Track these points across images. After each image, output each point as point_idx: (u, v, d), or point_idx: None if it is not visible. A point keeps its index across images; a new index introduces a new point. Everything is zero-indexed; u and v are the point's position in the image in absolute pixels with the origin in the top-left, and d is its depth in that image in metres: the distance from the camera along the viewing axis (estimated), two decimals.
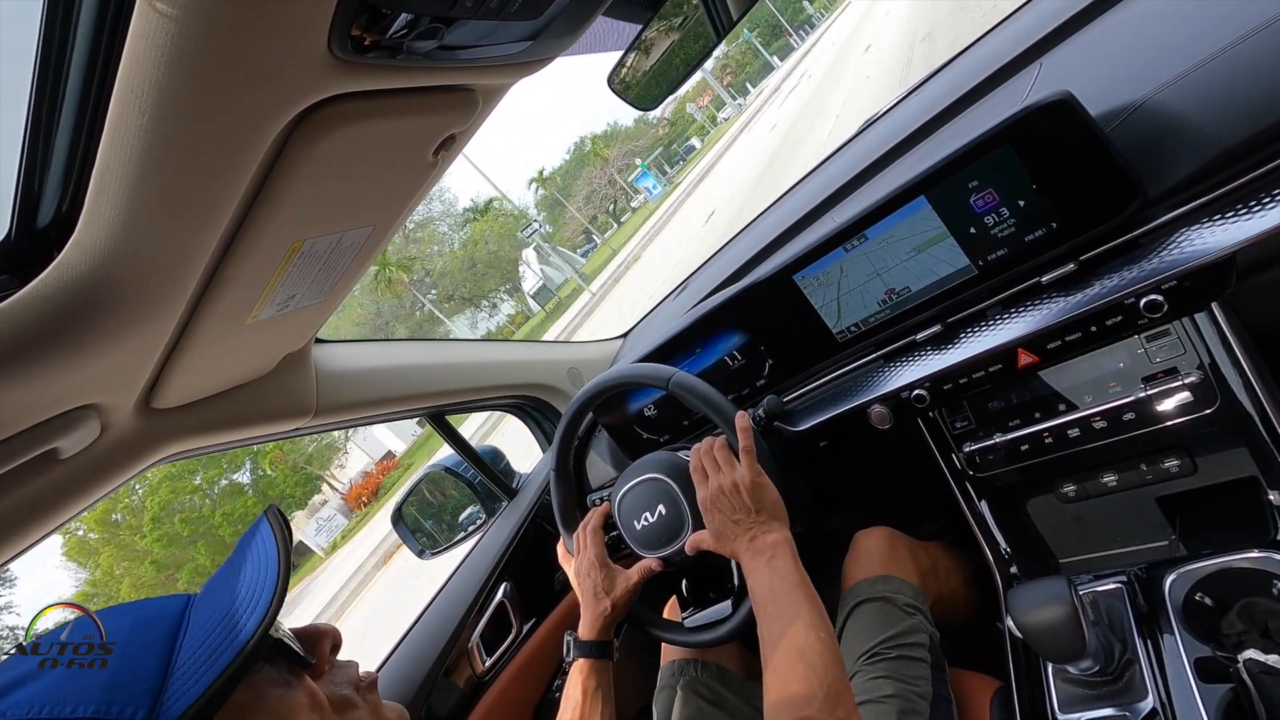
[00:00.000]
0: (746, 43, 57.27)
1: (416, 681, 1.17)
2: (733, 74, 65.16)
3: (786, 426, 1.09)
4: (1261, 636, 0.69)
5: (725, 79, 62.91)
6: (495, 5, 0.45)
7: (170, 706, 0.40)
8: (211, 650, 0.42)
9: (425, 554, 1.51)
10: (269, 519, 0.51)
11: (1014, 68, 1.09)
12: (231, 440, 0.93)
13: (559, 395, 1.55)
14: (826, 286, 1.01)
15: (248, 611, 0.44)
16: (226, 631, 0.43)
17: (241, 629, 0.43)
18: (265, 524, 0.51)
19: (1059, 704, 0.81)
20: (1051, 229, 0.82)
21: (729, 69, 64.52)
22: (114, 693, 0.39)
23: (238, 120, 0.44)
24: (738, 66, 64.63)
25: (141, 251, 0.51)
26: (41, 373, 0.55)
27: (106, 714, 0.38)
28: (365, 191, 0.62)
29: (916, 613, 0.96)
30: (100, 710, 0.38)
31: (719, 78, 60.73)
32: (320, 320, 0.88)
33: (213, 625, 0.44)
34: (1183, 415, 0.82)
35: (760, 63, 59.65)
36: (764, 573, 0.78)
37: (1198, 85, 0.76)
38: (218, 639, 0.43)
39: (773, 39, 63.18)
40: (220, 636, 0.43)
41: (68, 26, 0.40)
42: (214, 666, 0.41)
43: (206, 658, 0.42)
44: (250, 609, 0.44)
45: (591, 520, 1.05)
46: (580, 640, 0.95)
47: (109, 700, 0.39)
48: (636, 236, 25.45)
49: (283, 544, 0.48)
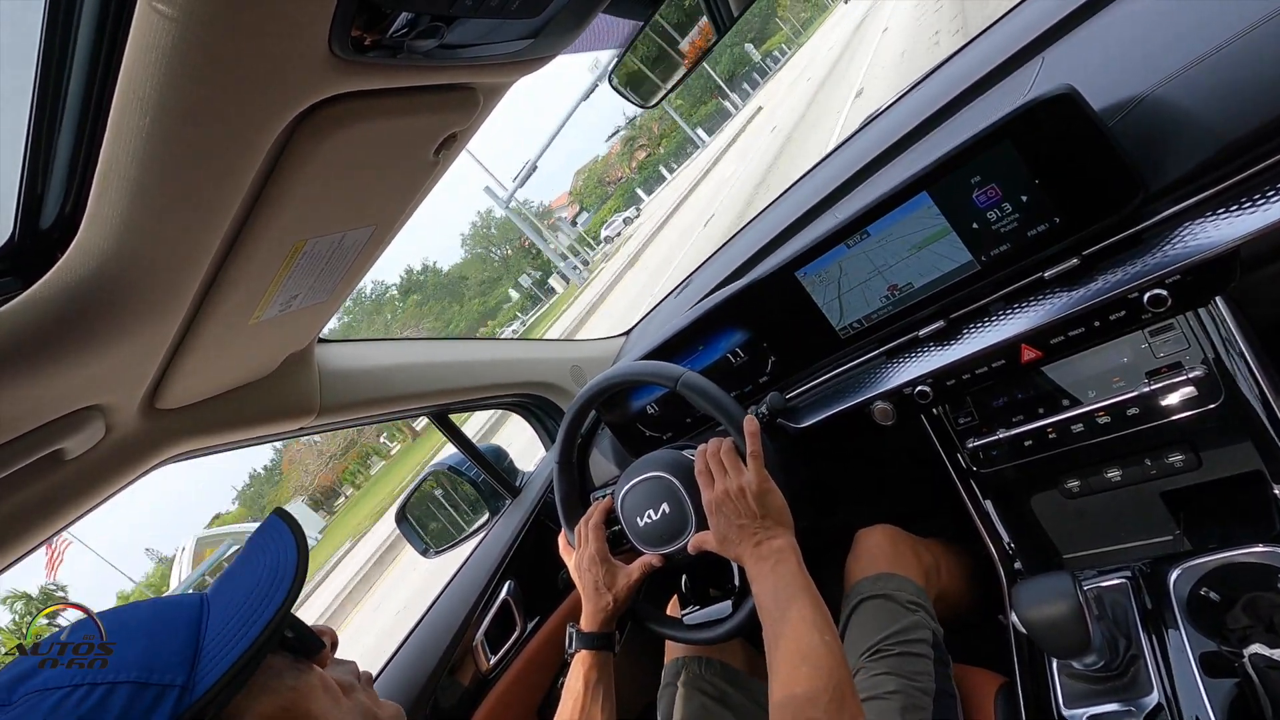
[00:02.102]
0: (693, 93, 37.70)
1: (421, 680, 1.18)
2: (647, 148, 42.62)
3: (789, 423, 1.09)
4: (1267, 631, 0.69)
5: (634, 158, 38.55)
6: (495, 4, 0.45)
7: (203, 677, 0.43)
8: (238, 628, 0.46)
9: (429, 553, 1.51)
10: (281, 518, 0.54)
11: (1016, 62, 1.09)
12: (236, 440, 0.93)
13: (562, 393, 1.55)
14: (829, 283, 1.01)
15: (269, 595, 0.47)
16: (250, 612, 0.47)
17: (264, 610, 0.46)
18: (276, 521, 0.54)
19: (1064, 699, 0.81)
20: (1054, 224, 0.82)
21: (641, 142, 41.18)
22: (152, 662, 0.43)
23: (239, 121, 0.44)
24: (653, 139, 42.11)
25: (144, 252, 0.51)
26: (46, 374, 0.56)
27: (147, 680, 0.41)
28: (367, 191, 0.62)
29: (919, 609, 0.96)
30: (141, 676, 0.41)
31: (626, 157, 37.65)
32: (323, 320, 0.88)
33: (236, 608, 0.47)
34: (1187, 410, 0.82)
35: (679, 138, 40.02)
36: (769, 578, 0.79)
37: (1200, 79, 0.75)
38: (243, 618, 0.46)
39: (699, 103, 41.59)
40: (245, 616, 0.46)
41: (69, 29, 0.40)
42: (241, 642, 0.44)
43: (234, 634, 0.45)
44: (272, 592, 0.48)
45: (593, 515, 1.05)
46: (582, 632, 0.96)
47: (148, 669, 0.42)
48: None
49: (299, 536, 0.52)
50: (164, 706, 0.41)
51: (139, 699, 0.40)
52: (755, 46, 44.14)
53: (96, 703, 0.39)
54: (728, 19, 0.74)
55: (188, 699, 0.42)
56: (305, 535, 0.52)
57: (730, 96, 41.73)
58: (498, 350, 1.50)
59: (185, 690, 0.42)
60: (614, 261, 24.16)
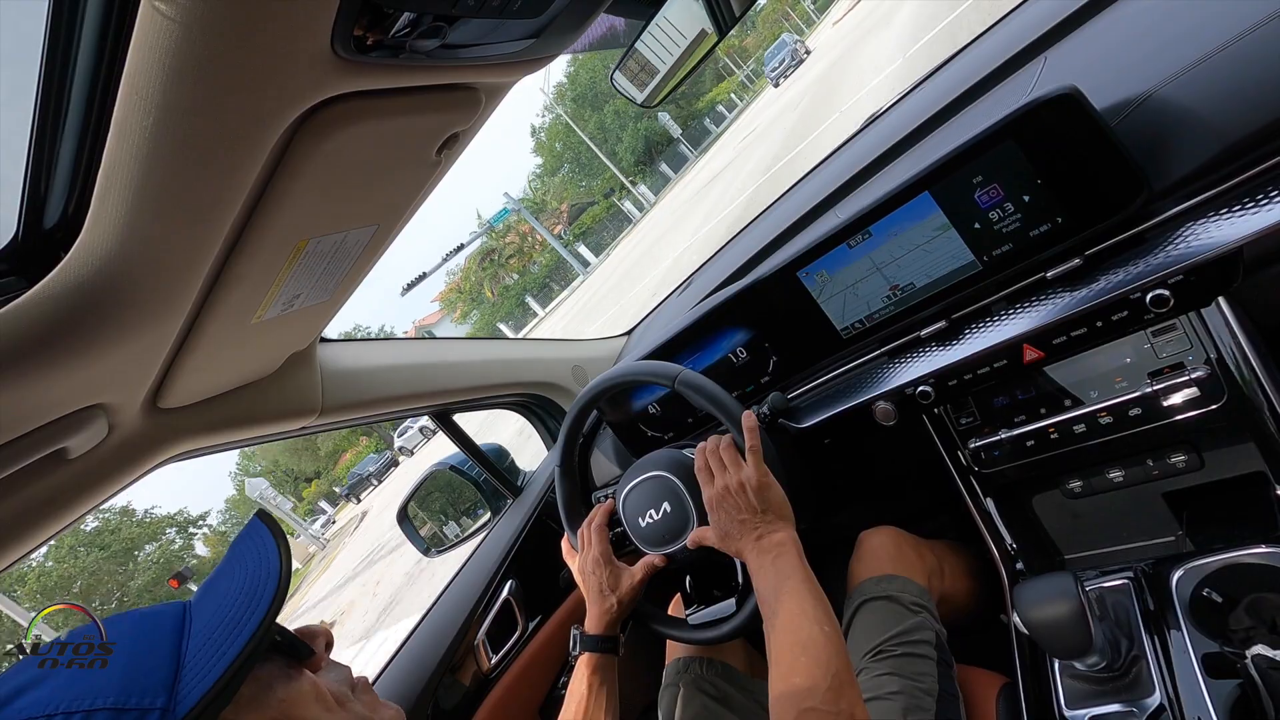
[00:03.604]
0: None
1: (422, 680, 1.18)
2: (519, 260, 31.40)
3: (791, 423, 1.09)
4: (1269, 632, 0.69)
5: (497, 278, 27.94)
6: (497, 4, 0.45)
7: (185, 696, 0.41)
8: (220, 642, 0.43)
9: (431, 552, 1.52)
10: (262, 520, 0.53)
11: (1018, 62, 1.08)
12: (238, 439, 0.94)
13: (563, 393, 1.56)
14: (830, 283, 1.01)
15: (252, 605, 0.45)
16: (233, 624, 0.44)
17: (247, 621, 0.44)
18: (258, 524, 0.52)
19: (1065, 700, 0.81)
20: (1056, 224, 0.82)
21: (497, 259, 28.75)
22: (130, 685, 0.40)
23: (242, 120, 0.44)
24: (523, 254, 31.24)
25: (147, 252, 0.51)
26: (49, 373, 0.56)
27: (125, 704, 0.39)
28: (369, 190, 0.63)
29: (922, 610, 0.95)
30: (119, 701, 0.39)
31: (473, 278, 27.82)
32: (325, 320, 0.88)
33: (218, 620, 0.45)
34: (1189, 410, 0.81)
35: (555, 258, 28.90)
36: (769, 572, 0.78)
37: (1203, 79, 0.75)
38: (225, 632, 0.44)
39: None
40: (227, 629, 0.44)
41: (72, 30, 0.40)
42: (225, 657, 0.42)
43: (216, 649, 0.43)
44: (255, 602, 0.46)
45: (596, 517, 1.05)
46: (587, 635, 0.96)
47: (126, 692, 0.40)
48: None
49: (280, 540, 0.50)
50: None
51: None
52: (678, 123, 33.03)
53: None
54: (729, 19, 0.74)
55: None
56: (287, 539, 0.51)
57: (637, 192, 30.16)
58: (499, 350, 1.51)
59: (165, 713, 0.40)
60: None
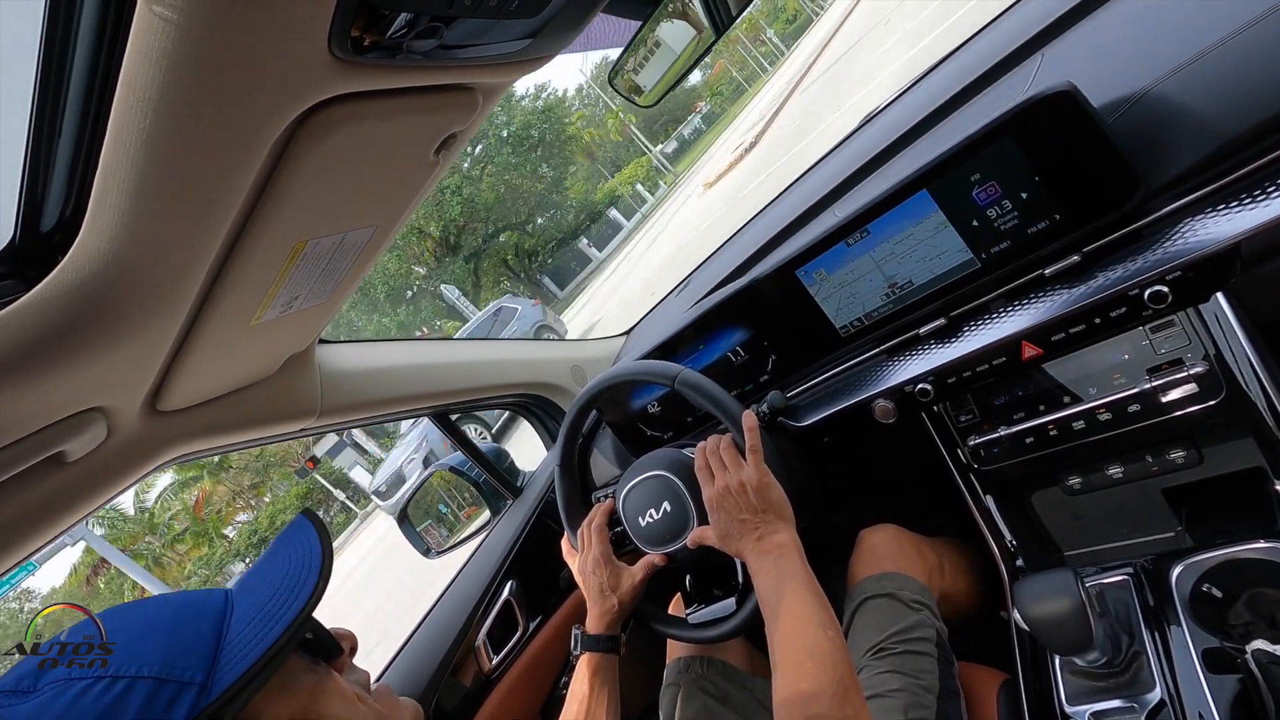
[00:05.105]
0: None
1: (424, 680, 1.18)
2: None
3: (790, 422, 1.09)
4: (1269, 627, 0.69)
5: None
6: (494, 4, 0.45)
7: (222, 676, 0.43)
8: (259, 629, 0.46)
9: (431, 553, 1.52)
10: (308, 518, 0.55)
11: (1015, 60, 1.09)
12: (237, 441, 0.94)
13: (562, 393, 1.56)
14: (829, 281, 1.01)
15: (291, 597, 0.48)
16: (272, 613, 0.47)
17: (286, 610, 0.47)
18: (304, 521, 0.55)
19: (1066, 696, 0.81)
20: (1054, 221, 0.82)
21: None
22: (173, 659, 0.43)
23: (239, 122, 0.44)
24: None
25: (145, 254, 0.51)
26: (48, 377, 0.56)
27: (167, 676, 0.42)
28: (367, 191, 0.63)
29: (923, 608, 0.95)
30: (161, 673, 0.42)
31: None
32: (324, 321, 0.88)
33: (258, 608, 0.48)
34: (1188, 406, 0.81)
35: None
36: (771, 573, 0.78)
37: (1200, 75, 0.75)
38: (264, 619, 0.47)
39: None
40: (267, 617, 0.47)
41: (69, 31, 0.40)
42: (262, 642, 0.45)
43: (255, 635, 0.46)
44: (294, 594, 0.48)
45: (596, 517, 1.05)
46: (588, 634, 0.96)
47: (169, 665, 0.43)
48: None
49: (324, 536, 0.52)
50: (182, 704, 0.41)
51: (158, 695, 0.41)
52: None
53: (116, 697, 0.40)
54: (726, 19, 0.74)
55: (206, 698, 0.42)
56: (330, 535, 0.53)
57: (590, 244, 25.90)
58: (498, 351, 1.51)
59: (204, 689, 0.42)
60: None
